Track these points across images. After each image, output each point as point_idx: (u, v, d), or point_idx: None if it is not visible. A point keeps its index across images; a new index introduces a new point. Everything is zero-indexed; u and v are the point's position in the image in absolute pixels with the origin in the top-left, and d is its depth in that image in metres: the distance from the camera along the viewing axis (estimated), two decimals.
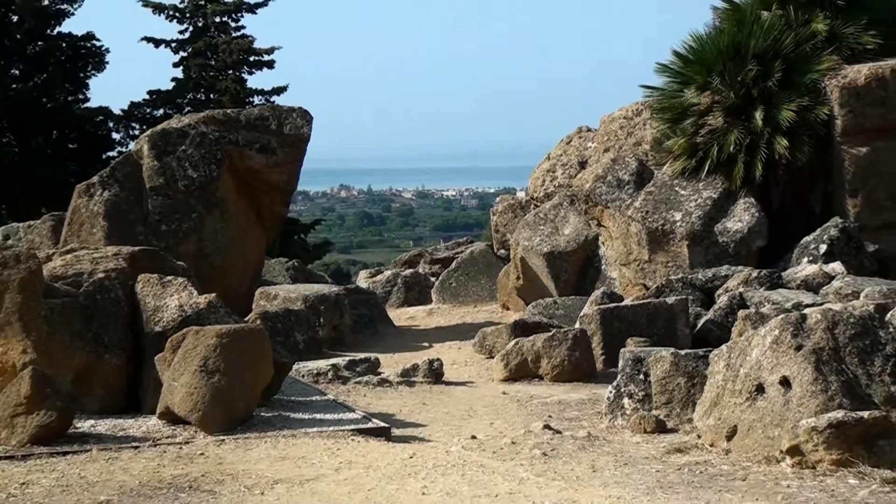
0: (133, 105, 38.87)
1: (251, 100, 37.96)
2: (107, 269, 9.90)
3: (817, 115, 16.05)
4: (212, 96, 38.40)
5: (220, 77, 39.24)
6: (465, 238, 26.29)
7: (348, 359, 11.92)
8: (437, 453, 7.85)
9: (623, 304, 13.00)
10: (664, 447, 7.94)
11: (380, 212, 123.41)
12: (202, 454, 7.71)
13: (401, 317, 17.77)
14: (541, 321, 13.61)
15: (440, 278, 20.22)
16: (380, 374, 11.58)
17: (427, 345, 14.41)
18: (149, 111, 38.36)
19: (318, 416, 9.06)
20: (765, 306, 11.57)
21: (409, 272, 21.47)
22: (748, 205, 16.08)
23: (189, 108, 35.11)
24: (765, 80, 16.46)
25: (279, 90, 40.09)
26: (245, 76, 39.80)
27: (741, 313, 11.15)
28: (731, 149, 16.29)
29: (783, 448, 7.10)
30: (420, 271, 21.72)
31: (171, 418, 8.57)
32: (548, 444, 8.18)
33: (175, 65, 40.04)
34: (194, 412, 8.38)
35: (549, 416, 9.34)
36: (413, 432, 8.94)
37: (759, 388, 7.65)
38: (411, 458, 7.59)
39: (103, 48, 38.32)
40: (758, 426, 7.50)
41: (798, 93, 16.21)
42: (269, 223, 16.53)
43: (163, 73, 42.41)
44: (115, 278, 9.76)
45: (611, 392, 9.28)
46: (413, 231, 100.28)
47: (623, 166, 17.55)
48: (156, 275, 9.94)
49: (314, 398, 10.06)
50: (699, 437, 8.07)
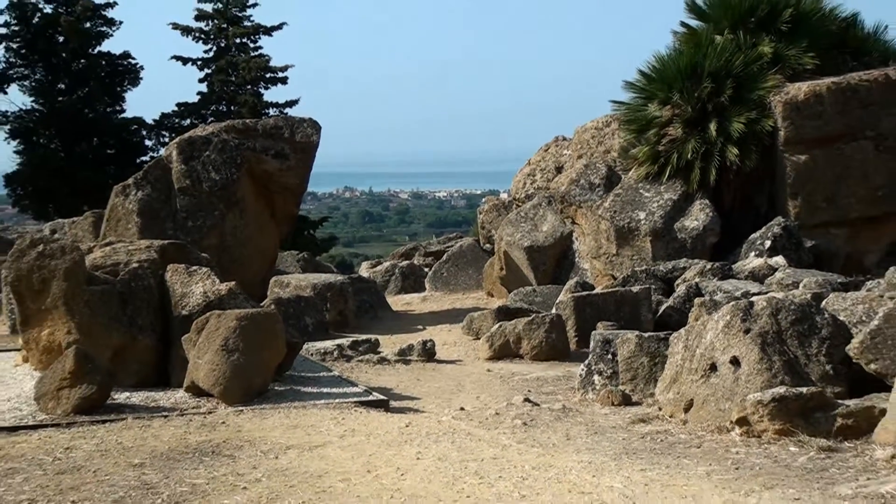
0: (163, 116, 38.89)
1: (267, 111, 37.92)
2: (140, 259, 9.92)
3: (763, 127, 16.10)
4: (232, 108, 38.35)
5: (240, 91, 39.22)
6: (454, 234, 26.31)
7: (351, 339, 11.93)
8: (430, 423, 7.88)
9: (594, 292, 13.02)
10: (629, 418, 7.97)
11: (379, 210, 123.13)
12: (223, 423, 7.74)
13: (398, 303, 17.77)
14: (521, 307, 13.63)
15: (433, 269, 20.21)
16: (379, 353, 11.58)
17: (421, 327, 14.42)
18: (177, 121, 38.32)
19: (325, 390, 9.09)
20: (717, 295, 11.61)
21: (405, 263, 21.46)
22: (703, 206, 16.11)
23: (212, 119, 35.03)
24: (718, 96, 16.49)
25: (292, 103, 40.16)
26: (262, 91, 39.84)
27: (697, 301, 11.19)
28: (689, 156, 16.33)
29: (733, 419, 7.14)
30: (415, 263, 21.72)
31: (196, 391, 8.61)
32: (527, 415, 8.21)
33: (200, 80, 40.11)
34: (216, 386, 8.41)
35: (529, 391, 9.36)
36: (408, 404, 8.96)
37: (713, 367, 7.69)
38: (407, 427, 7.63)
39: (138, 65, 38.46)
40: (711, 400, 7.54)
41: (747, 107, 16.24)
42: (282, 220, 16.52)
43: (189, 87, 42.56)
44: (147, 268, 9.79)
45: (583, 370, 9.31)
46: (409, 227, 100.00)
47: (594, 171, 17.58)
48: (183, 265, 9.97)
49: (322, 374, 10.08)
50: (660, 409, 8.11)
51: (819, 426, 6.81)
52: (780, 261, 13.76)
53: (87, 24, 37.30)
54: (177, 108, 39.18)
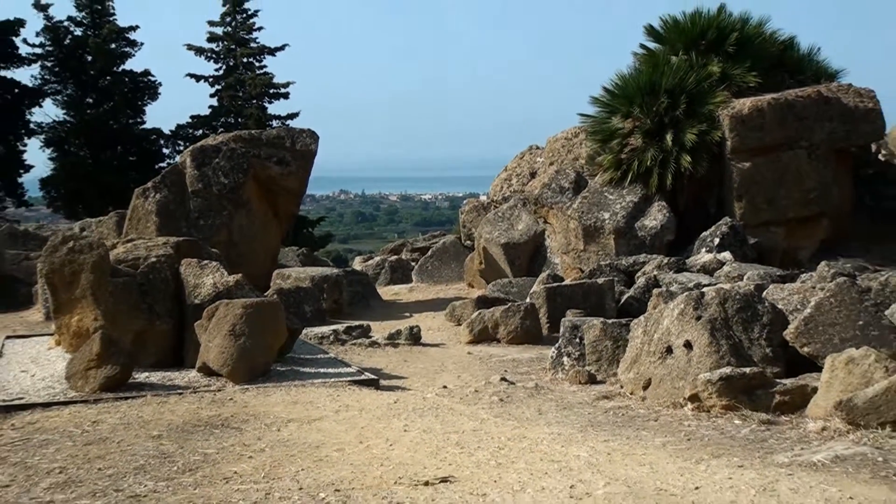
0: (179, 127, 38.88)
1: (271, 123, 37.92)
2: (158, 254, 9.90)
3: (713, 138, 16.16)
4: (240, 120, 38.34)
5: (247, 105, 39.21)
6: (438, 232, 26.29)
7: (346, 325, 11.92)
8: (416, 399, 7.87)
9: (563, 283, 13.04)
10: (595, 395, 7.99)
11: (371, 211, 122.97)
12: (231, 399, 7.73)
13: (387, 293, 17.75)
14: (499, 297, 13.64)
15: (419, 263, 20.20)
16: (370, 337, 11.57)
17: (408, 315, 14.41)
18: (191, 131, 38.30)
19: (321, 370, 9.08)
20: (673, 286, 11.64)
21: (394, 258, 21.45)
22: (661, 207, 16.15)
23: (222, 130, 34.98)
24: (673, 110, 16.52)
25: (293, 115, 40.14)
26: (266, 104, 39.86)
27: (655, 291, 11.22)
28: (648, 163, 16.37)
29: (686, 396, 7.17)
30: (403, 257, 21.69)
31: (207, 371, 8.59)
32: (504, 392, 8.22)
33: (211, 95, 40.09)
34: (225, 366, 8.41)
35: (505, 371, 9.36)
36: (397, 383, 8.95)
37: (669, 350, 7.72)
38: (395, 402, 7.62)
39: (156, 82, 38.47)
40: (667, 379, 7.56)
41: (698, 120, 16.29)
42: (283, 219, 16.51)
43: (202, 101, 42.55)
44: (164, 262, 9.77)
45: (554, 352, 9.33)
46: (397, 226, 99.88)
47: (564, 176, 17.59)
48: (195, 259, 9.96)
49: (319, 356, 10.07)
50: (622, 387, 8.13)
51: (760, 402, 6.85)
52: (727, 256, 13.82)
53: (113, 45, 37.43)
54: (190, 120, 39.17)
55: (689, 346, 7.57)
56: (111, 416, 7.09)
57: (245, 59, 39.95)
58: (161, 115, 41.88)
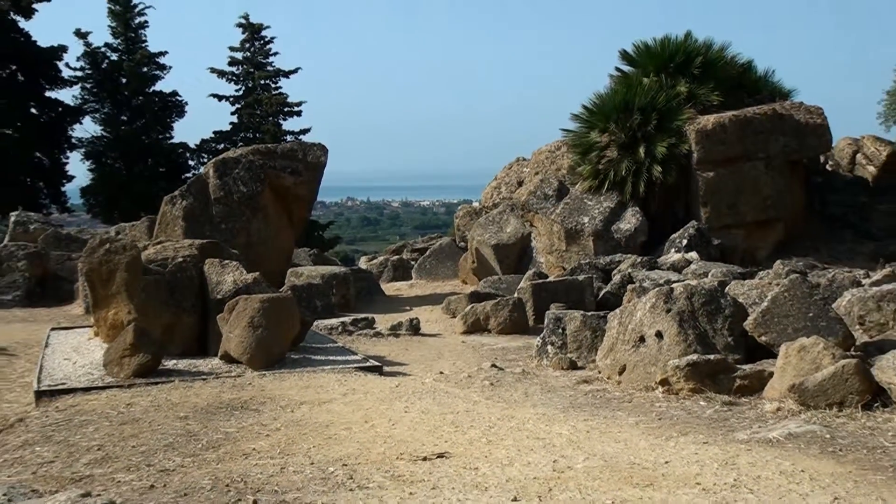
0: (203, 141, 38.89)
1: (285, 138, 37.90)
2: (184, 255, 9.88)
3: (681, 150, 16.21)
4: (257, 135, 38.35)
5: (264, 122, 39.25)
6: (436, 234, 26.23)
7: (352, 318, 11.89)
8: (416, 383, 7.87)
9: (548, 280, 13.02)
10: (575, 379, 7.99)
11: (375, 216, 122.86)
12: (250, 384, 7.72)
13: (390, 289, 17.74)
14: (490, 292, 13.62)
15: (418, 262, 20.19)
16: (375, 328, 11.56)
17: (408, 308, 14.40)
18: (213, 145, 38.28)
19: (331, 358, 9.06)
20: (645, 282, 11.65)
21: (395, 258, 21.42)
22: (634, 212, 16.17)
23: (241, 144, 34.95)
24: (645, 126, 16.56)
25: (305, 131, 40.20)
26: (281, 121, 39.88)
27: (629, 287, 11.23)
28: (623, 173, 16.41)
29: (657, 380, 7.17)
30: (404, 257, 21.67)
31: (228, 359, 8.57)
32: (494, 377, 8.21)
33: (232, 113, 40.09)
34: (244, 354, 8.40)
35: (495, 358, 9.35)
36: (398, 369, 8.94)
37: (641, 339, 7.72)
38: (397, 387, 7.62)
39: (183, 101, 38.53)
40: (640, 365, 7.56)
41: (668, 134, 16.33)
42: (296, 224, 16.48)
43: (223, 119, 42.54)
44: (189, 262, 9.75)
45: (539, 341, 9.31)
46: (399, 230, 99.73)
47: (548, 185, 17.59)
48: (217, 259, 9.94)
49: (328, 345, 10.06)
50: (600, 372, 8.13)
51: (722, 385, 6.86)
52: (694, 255, 13.85)
53: (144, 69, 37.52)
54: (213, 135, 39.19)
55: (659, 335, 7.57)
56: (143, 399, 7.09)
57: (262, 81, 39.98)
58: (187, 131, 42.14)
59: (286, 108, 39.84)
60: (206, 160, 34.44)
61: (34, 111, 35.08)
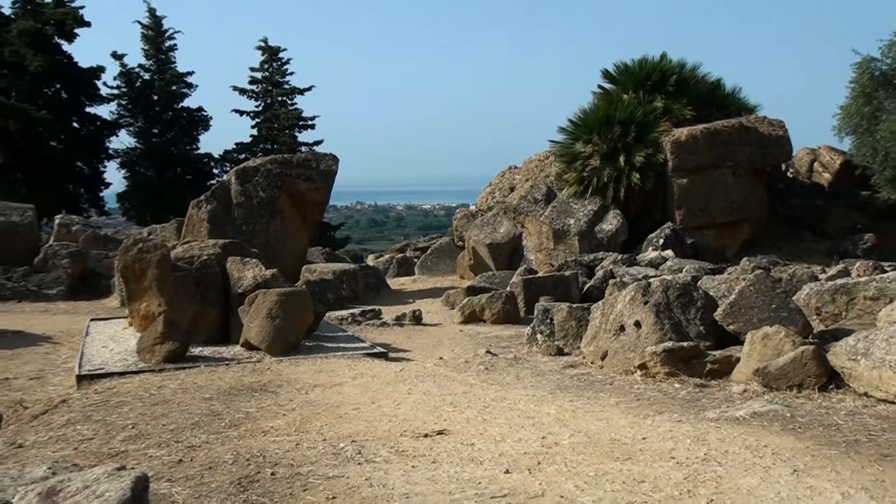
0: (226, 151, 38.91)
1: (300, 149, 37.90)
2: (209, 253, 9.89)
3: (657, 159, 16.22)
4: (275, 146, 38.34)
5: (281, 135, 39.24)
6: (436, 235, 26.27)
7: (361, 309, 11.89)
8: (418, 368, 7.87)
9: (537, 275, 13.01)
10: (562, 364, 7.99)
11: (382, 218, 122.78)
12: (268, 369, 7.72)
13: (395, 283, 17.75)
14: (485, 286, 13.61)
15: (420, 259, 20.21)
16: (381, 319, 11.56)
17: (411, 301, 14.40)
18: (235, 155, 38.28)
19: (341, 345, 9.06)
20: (626, 277, 11.63)
21: (400, 256, 21.44)
22: (615, 214, 16.17)
23: (261, 154, 34.96)
24: (625, 138, 16.58)
25: (318, 142, 40.16)
26: (296, 134, 39.83)
27: (611, 281, 11.21)
28: (605, 180, 16.42)
29: (635, 365, 7.17)
30: (407, 255, 21.68)
31: (248, 346, 8.58)
32: (488, 362, 8.21)
33: (252, 126, 40.06)
34: (263, 342, 8.40)
35: (490, 345, 9.35)
36: (402, 355, 8.94)
37: (622, 328, 7.72)
38: (401, 371, 7.62)
39: (208, 116, 38.60)
40: (620, 351, 7.56)
41: (645, 145, 16.35)
42: (310, 225, 16.49)
43: (245, 132, 42.63)
44: (214, 259, 9.75)
45: (529, 330, 9.32)
46: (403, 230, 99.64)
47: (538, 190, 17.60)
48: (239, 257, 9.95)
49: (339, 334, 10.06)
50: (584, 358, 8.13)
51: (695, 370, 6.86)
52: (669, 253, 13.83)
53: (174, 87, 37.65)
54: (235, 146, 39.18)
55: (638, 325, 7.57)
56: (172, 383, 7.09)
57: (279, 98, 39.97)
58: (212, 143, 42.30)
59: (301, 122, 39.85)
60: (228, 168, 34.47)
61: (76, 125, 35.24)
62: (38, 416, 6.18)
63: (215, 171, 38.56)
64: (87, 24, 35.01)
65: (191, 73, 38.33)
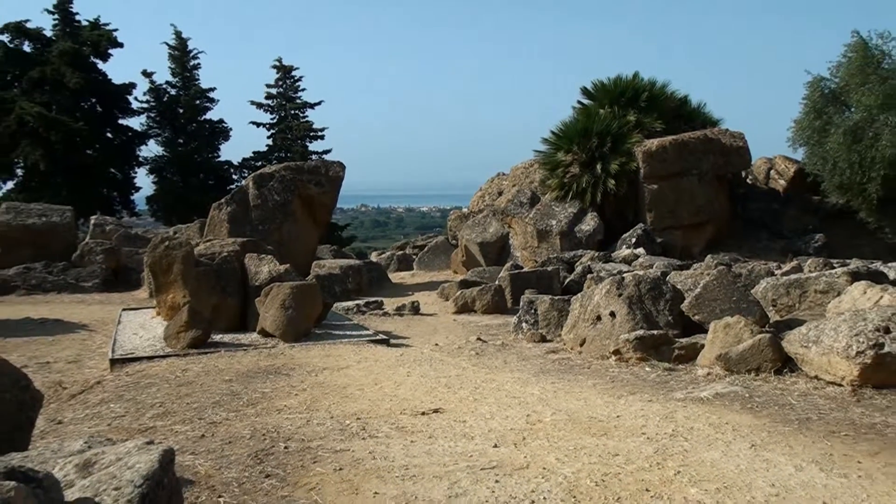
0: (244, 159, 38.76)
1: (311, 157, 37.82)
2: (229, 250, 9.86)
3: (630, 167, 16.25)
4: (288, 155, 38.22)
5: (293, 144, 39.12)
6: (433, 234, 26.25)
7: (365, 300, 11.90)
8: (416, 353, 7.86)
9: (523, 270, 13.01)
10: (545, 350, 7.99)
11: (384, 219, 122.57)
12: (282, 353, 7.70)
13: (395, 277, 17.73)
14: (476, 280, 13.60)
15: (418, 256, 20.19)
16: (383, 309, 11.56)
17: (410, 293, 14.39)
18: (253, 163, 38.13)
19: (348, 333, 9.05)
20: (602, 272, 11.65)
21: (400, 253, 21.42)
22: (593, 216, 16.19)
23: (275, 161, 34.90)
24: (602, 148, 16.60)
25: (327, 151, 40.02)
26: (307, 144, 39.73)
27: (589, 276, 11.24)
28: (584, 185, 16.45)
29: (610, 351, 7.17)
30: (407, 252, 21.66)
31: (264, 334, 8.56)
32: (479, 348, 8.21)
33: (268, 137, 39.88)
34: (278, 330, 8.39)
35: (480, 333, 9.35)
36: (402, 341, 8.94)
37: (598, 318, 7.72)
38: (401, 355, 7.61)
39: (228, 128, 38.46)
40: (597, 339, 7.56)
41: (620, 155, 16.37)
42: (320, 225, 16.46)
43: (261, 142, 42.63)
44: (233, 256, 9.73)
45: (515, 319, 9.32)
46: (403, 230, 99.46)
47: (523, 194, 17.60)
48: (255, 254, 9.92)
49: (345, 322, 10.04)
50: (565, 344, 8.13)
51: (664, 355, 6.86)
52: (641, 251, 13.86)
53: (197, 101, 37.56)
54: (252, 155, 39.05)
55: (613, 315, 7.57)
56: (196, 366, 7.08)
57: (292, 112, 39.87)
58: (231, 151, 42.29)
59: (311, 133, 39.74)
60: (246, 174, 34.32)
61: (110, 135, 35.22)
62: (75, 396, 6.17)
63: (234, 176, 38.49)
64: (120, 45, 35.03)
65: (213, 88, 38.27)
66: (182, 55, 37.65)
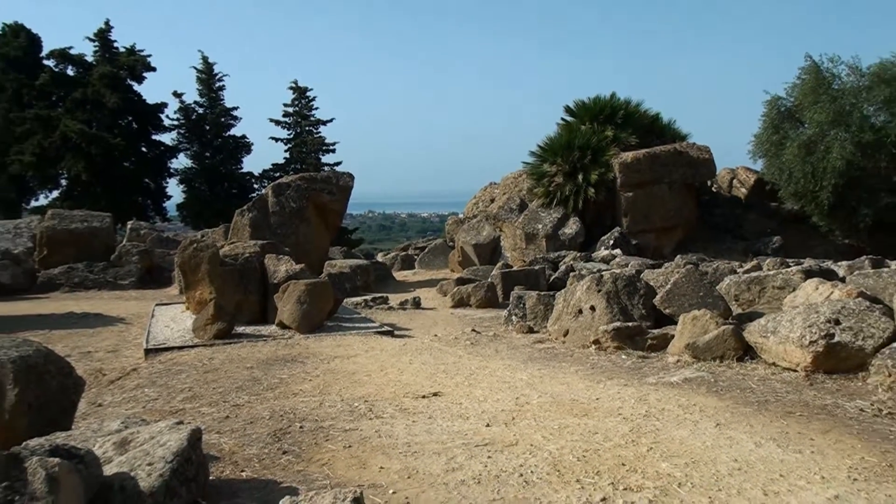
0: (264, 171, 38.66)
1: (323, 168, 37.72)
2: (250, 252, 9.83)
3: (608, 177, 16.24)
4: (303, 166, 38.18)
5: (308, 157, 39.06)
6: (432, 237, 26.24)
7: (372, 296, 11.87)
8: (418, 343, 7.85)
9: (513, 269, 12.98)
10: (532, 340, 7.98)
11: (389, 224, 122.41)
12: (298, 344, 7.69)
13: (399, 276, 17.71)
14: (471, 278, 13.55)
15: (419, 257, 20.16)
16: (388, 304, 11.53)
17: (412, 289, 14.37)
18: (271, 174, 38.08)
19: (356, 325, 9.03)
20: (583, 271, 11.63)
21: (403, 253, 21.38)
22: (575, 221, 16.18)
23: (292, 172, 34.85)
24: (583, 160, 16.58)
25: (338, 163, 39.80)
26: (320, 157, 39.69)
27: (571, 274, 11.20)
28: (567, 193, 16.43)
29: (591, 340, 7.17)
30: (409, 253, 21.63)
31: (282, 326, 8.53)
32: (473, 338, 8.20)
33: (285, 151, 39.83)
34: (294, 323, 8.37)
35: (474, 325, 9.34)
36: (405, 332, 8.92)
37: (580, 311, 7.71)
38: (404, 345, 7.60)
39: (250, 142, 38.40)
40: (579, 330, 7.56)
41: (599, 166, 16.36)
42: (331, 229, 16.42)
43: (279, 154, 42.49)
44: (254, 256, 9.70)
45: (506, 313, 9.31)
46: (406, 234, 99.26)
47: (513, 201, 17.59)
48: (274, 255, 9.89)
49: (354, 316, 10.01)
50: (550, 335, 8.12)
51: (638, 344, 6.86)
52: (618, 252, 13.84)
53: (222, 119, 37.56)
54: (271, 167, 38.97)
55: (593, 309, 7.57)
56: (221, 355, 7.07)
57: (307, 128, 39.85)
58: (253, 163, 42.20)
59: (324, 147, 39.68)
60: (266, 184, 34.39)
61: (144, 149, 35.23)
62: (113, 382, 6.15)
63: (255, 186, 38.43)
64: (153, 69, 35.08)
65: (236, 107, 38.24)
66: (208, 78, 37.65)
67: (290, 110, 39.99)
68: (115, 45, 34.97)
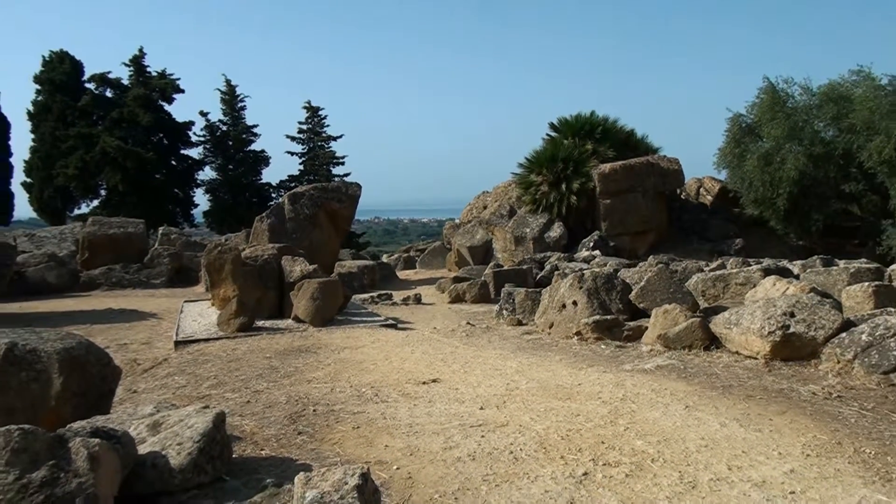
0: (281, 181, 38.71)
1: (333, 179, 37.78)
2: (269, 254, 9.81)
3: (588, 186, 16.25)
4: (315, 177, 38.21)
5: (320, 169, 39.09)
6: (432, 240, 26.23)
7: (378, 293, 11.86)
8: (418, 335, 7.84)
9: (503, 269, 12.96)
10: (521, 332, 7.97)
11: (392, 229, 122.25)
12: (311, 336, 7.66)
13: (402, 275, 17.69)
14: (466, 277, 13.56)
15: (420, 258, 20.15)
16: (392, 300, 11.52)
17: (414, 287, 14.36)
18: (288, 184, 38.09)
19: (363, 319, 9.02)
20: (566, 270, 11.63)
21: (406, 255, 21.35)
22: (559, 225, 16.19)
23: (306, 183, 34.84)
24: (566, 171, 16.60)
25: (347, 174, 40.05)
26: (331, 169, 39.69)
27: (556, 272, 11.20)
28: (551, 201, 16.46)
29: (573, 332, 7.16)
30: (411, 254, 21.59)
31: (297, 320, 8.51)
32: (469, 331, 8.20)
33: (300, 163, 39.87)
34: (308, 317, 8.35)
35: (469, 319, 9.33)
36: (407, 325, 8.91)
37: (563, 305, 7.71)
38: (406, 337, 7.59)
39: (268, 156, 38.43)
40: (562, 322, 7.56)
41: (580, 176, 16.38)
42: (341, 234, 16.39)
43: (294, 167, 42.48)
44: (272, 258, 9.68)
45: (497, 307, 9.30)
46: (408, 237, 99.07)
47: (503, 208, 17.61)
48: (290, 256, 9.86)
49: (362, 311, 9.99)
50: (537, 327, 8.11)
51: (615, 335, 6.86)
52: (597, 253, 13.86)
53: (244, 135, 37.59)
54: (287, 178, 39.01)
55: (575, 303, 7.57)
56: (243, 346, 7.05)
57: (319, 143, 39.88)
58: (271, 175, 42.11)
59: (334, 160, 39.68)
60: (283, 194, 34.34)
61: (174, 163, 35.26)
62: (147, 371, 6.14)
63: (273, 195, 38.43)
64: (182, 91, 35.12)
65: (256, 125, 38.27)
66: (231, 98, 37.63)
67: (304, 127, 40.00)
68: (148, 69, 35.04)
